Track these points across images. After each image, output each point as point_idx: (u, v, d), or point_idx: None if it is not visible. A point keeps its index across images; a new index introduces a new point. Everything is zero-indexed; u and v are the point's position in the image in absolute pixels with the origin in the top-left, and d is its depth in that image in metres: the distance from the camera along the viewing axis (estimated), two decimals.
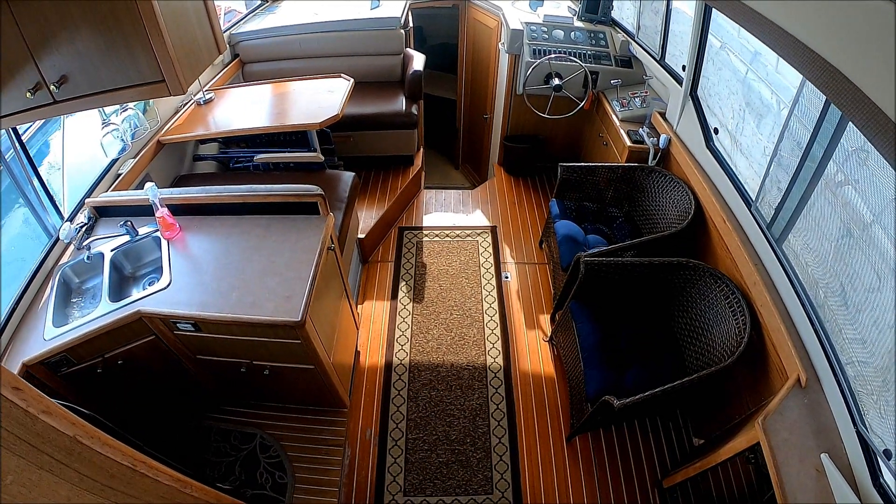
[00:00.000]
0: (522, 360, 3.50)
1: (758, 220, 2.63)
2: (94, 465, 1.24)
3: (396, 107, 4.42)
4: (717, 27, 2.98)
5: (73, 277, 2.69)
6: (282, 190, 2.72)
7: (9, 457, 1.04)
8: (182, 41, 2.11)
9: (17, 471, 1.06)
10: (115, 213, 2.84)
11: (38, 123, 2.94)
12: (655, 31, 3.69)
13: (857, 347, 1.96)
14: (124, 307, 2.37)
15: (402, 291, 3.98)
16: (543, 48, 4.25)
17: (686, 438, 3.08)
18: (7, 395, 1.04)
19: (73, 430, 1.17)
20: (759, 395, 2.49)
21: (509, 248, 4.34)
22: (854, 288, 1.98)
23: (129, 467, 1.33)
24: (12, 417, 1.05)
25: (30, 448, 1.08)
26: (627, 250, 3.16)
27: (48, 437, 1.13)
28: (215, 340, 2.46)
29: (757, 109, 2.75)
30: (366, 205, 4.41)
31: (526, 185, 5.01)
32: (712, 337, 2.63)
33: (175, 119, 3.65)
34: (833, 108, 2.03)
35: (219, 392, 3.04)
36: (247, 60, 4.62)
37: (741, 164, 2.90)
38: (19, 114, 2.13)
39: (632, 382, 2.71)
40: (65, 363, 2.33)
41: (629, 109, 3.91)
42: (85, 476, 1.21)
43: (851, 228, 2.00)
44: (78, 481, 1.19)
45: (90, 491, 1.24)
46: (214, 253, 2.60)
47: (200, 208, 2.79)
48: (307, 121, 3.44)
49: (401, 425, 3.19)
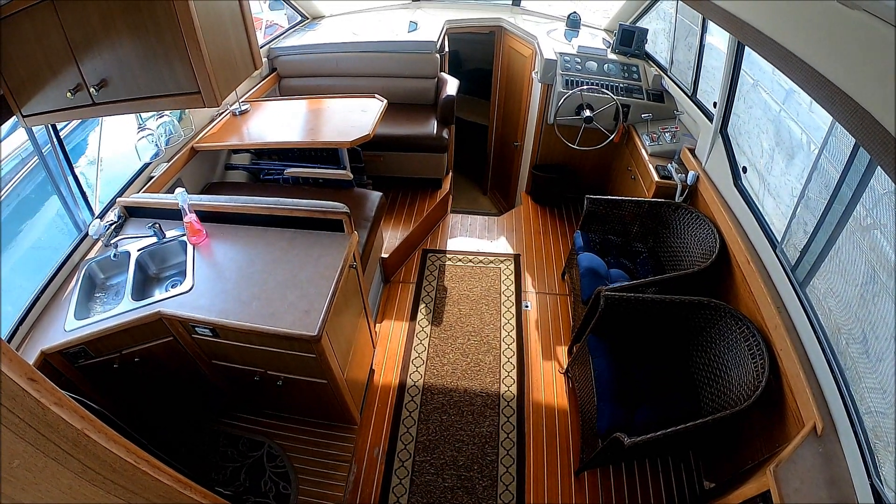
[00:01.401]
0: (536, 391, 3.46)
1: (782, 263, 2.58)
2: (99, 458, 1.27)
3: (428, 130, 4.48)
4: (751, 64, 2.97)
5: (98, 273, 2.76)
6: (308, 205, 2.76)
7: (18, 442, 1.07)
8: (219, 55, 2.19)
9: (25, 455, 1.09)
10: (145, 215, 2.92)
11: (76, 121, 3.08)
12: (688, 67, 3.69)
13: (877, 397, 1.89)
14: (146, 307, 2.42)
15: (421, 313, 3.98)
16: (576, 79, 4.27)
17: (697, 480, 2.98)
18: (22, 384, 1.08)
19: (82, 424, 1.21)
20: (773, 440, 2.41)
21: (531, 278, 4.32)
22: (876, 336, 1.91)
23: (132, 464, 1.36)
24: (25, 406, 1.09)
25: (38, 436, 1.12)
26: (649, 286, 3.11)
27: (57, 427, 1.16)
28: (232, 347, 2.49)
29: (787, 149, 2.71)
30: (391, 225, 4.45)
31: (552, 214, 5.00)
32: (729, 379, 2.57)
33: (210, 127, 3.74)
34: (863, 151, 1.99)
35: (232, 398, 3.06)
36: (284, 75, 4.75)
37: (768, 204, 2.85)
38: (59, 112, 2.24)
39: (645, 421, 2.65)
40: (83, 355, 2.40)
41: (659, 144, 3.90)
42: (88, 468, 1.24)
43: (877, 274, 1.94)
44: (81, 472, 1.23)
45: (92, 482, 1.27)
46: (238, 262, 2.64)
47: (228, 216, 2.84)
48: (338, 138, 3.50)
49: (409, 447, 3.17)
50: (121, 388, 2.64)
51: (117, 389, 2.63)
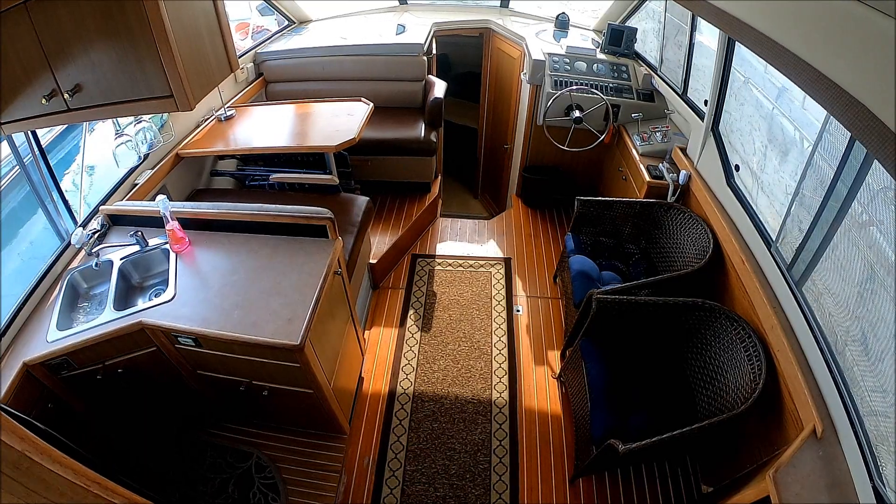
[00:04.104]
0: (529, 397, 3.39)
1: (777, 262, 2.53)
2: (44, 481, 1.21)
3: (415, 133, 4.42)
4: (741, 61, 2.92)
5: (81, 282, 2.72)
6: (292, 211, 2.72)
7: None
8: (192, 57, 2.13)
9: None
10: (128, 223, 2.87)
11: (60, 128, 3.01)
12: (678, 65, 3.65)
13: (877, 398, 1.83)
14: (127, 316, 2.38)
15: (410, 319, 3.91)
16: (565, 79, 4.22)
17: (694, 485, 2.92)
18: None
19: (22, 446, 1.15)
20: (771, 443, 2.35)
21: (522, 281, 4.26)
22: (876, 336, 1.86)
23: (82, 487, 1.29)
24: None
25: None
26: (642, 288, 3.06)
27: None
28: (215, 357, 2.45)
29: (780, 146, 2.67)
30: (380, 230, 4.38)
31: (543, 217, 4.94)
32: (726, 381, 2.51)
33: (195, 133, 3.68)
34: (858, 146, 1.95)
35: (219, 408, 3.01)
36: (270, 80, 4.69)
37: (762, 202, 2.81)
38: (35, 119, 2.18)
39: (640, 426, 2.59)
40: (65, 366, 2.37)
41: (650, 144, 3.85)
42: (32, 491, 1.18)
43: (876, 272, 1.89)
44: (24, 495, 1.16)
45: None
46: (221, 269, 2.59)
47: (211, 224, 2.80)
48: (324, 143, 3.45)
49: (400, 456, 3.10)
50: (106, 400, 2.60)
51: (103, 401, 2.58)
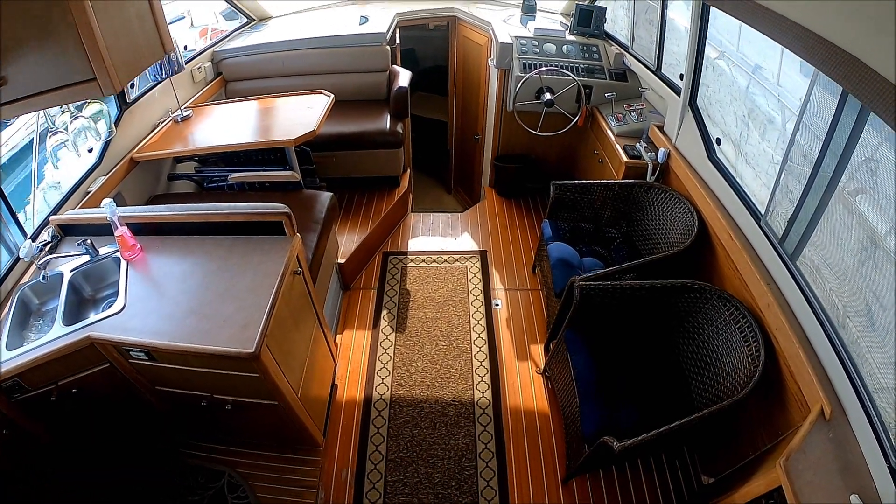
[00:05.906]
0: (513, 396, 3.21)
1: (768, 235, 2.38)
2: None
3: (380, 125, 4.22)
4: (716, 30, 2.78)
5: (33, 298, 2.52)
6: (245, 208, 2.53)
7: None
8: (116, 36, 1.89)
9: None
10: (81, 233, 2.65)
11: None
12: (651, 42, 3.51)
13: (888, 372, 1.69)
14: (75, 332, 2.19)
15: (384, 320, 3.71)
16: (534, 62, 4.06)
17: (694, 476, 2.77)
18: None
19: None
20: (774, 428, 2.20)
21: (500, 274, 4.08)
22: (883, 306, 1.72)
23: None
24: None
25: None
26: (626, 273, 2.90)
27: None
28: (171, 371, 2.26)
29: (763, 115, 2.53)
30: (348, 228, 4.17)
31: (518, 207, 4.77)
32: (722, 366, 2.36)
33: (150, 136, 3.49)
34: (849, 105, 1.81)
35: (184, 426, 2.82)
36: (230, 78, 4.48)
37: (747, 175, 2.67)
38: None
39: (633, 420, 2.42)
40: (17, 389, 2.18)
41: (625, 124, 3.71)
42: None
43: (877, 237, 1.75)
44: None
45: None
46: (174, 275, 2.41)
47: (163, 227, 2.61)
48: (283, 137, 3.29)
49: (379, 466, 2.90)
50: (65, 424, 2.44)
51: (62, 426, 2.43)
